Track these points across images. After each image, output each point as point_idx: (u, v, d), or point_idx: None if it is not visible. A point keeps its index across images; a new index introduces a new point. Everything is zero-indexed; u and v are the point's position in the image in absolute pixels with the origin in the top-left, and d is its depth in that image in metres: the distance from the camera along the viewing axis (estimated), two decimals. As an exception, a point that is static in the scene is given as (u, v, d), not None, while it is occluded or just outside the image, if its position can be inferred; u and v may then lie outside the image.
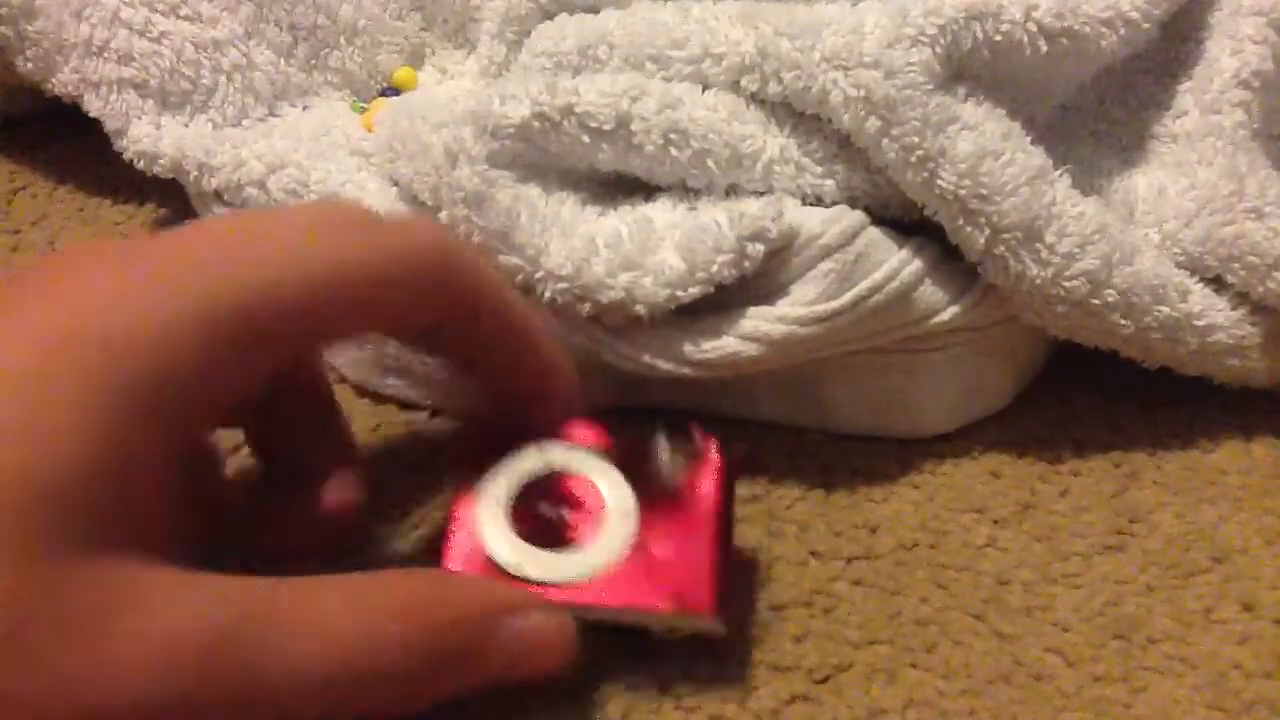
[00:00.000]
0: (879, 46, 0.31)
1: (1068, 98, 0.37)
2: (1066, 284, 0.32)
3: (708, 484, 0.28)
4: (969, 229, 0.32)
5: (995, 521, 0.33)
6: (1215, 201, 0.34)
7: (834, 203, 0.33)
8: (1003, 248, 0.32)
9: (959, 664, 0.29)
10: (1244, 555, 0.32)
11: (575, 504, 0.27)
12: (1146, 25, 0.34)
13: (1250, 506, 0.33)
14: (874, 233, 0.32)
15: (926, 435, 0.35)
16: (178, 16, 0.39)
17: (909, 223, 0.33)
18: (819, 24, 0.32)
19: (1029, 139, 0.32)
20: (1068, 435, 0.36)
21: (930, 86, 0.31)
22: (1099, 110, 0.38)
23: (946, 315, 0.33)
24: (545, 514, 0.27)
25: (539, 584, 0.26)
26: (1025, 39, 0.32)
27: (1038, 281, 0.32)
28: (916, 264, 0.32)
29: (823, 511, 0.33)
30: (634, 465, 0.28)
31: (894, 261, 0.32)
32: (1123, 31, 0.34)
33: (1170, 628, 0.30)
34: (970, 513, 0.33)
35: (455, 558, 0.26)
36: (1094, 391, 0.37)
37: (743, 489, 0.34)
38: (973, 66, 0.32)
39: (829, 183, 0.33)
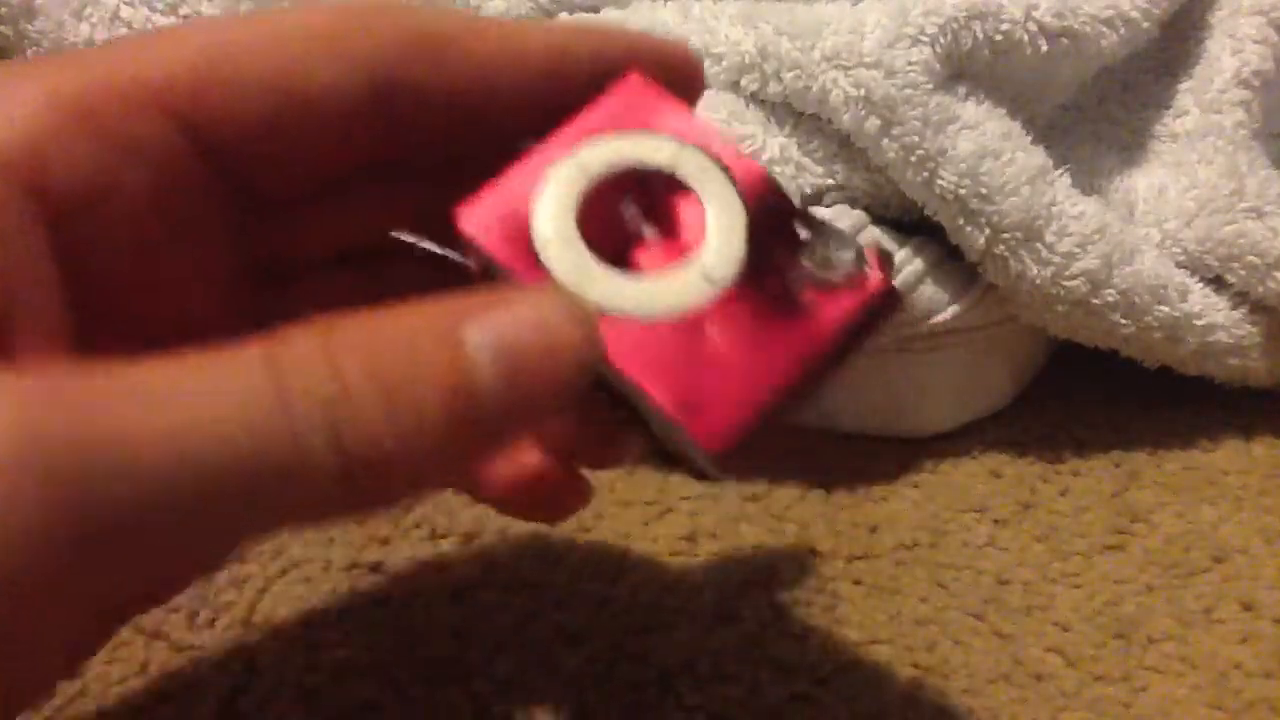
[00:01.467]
0: (879, 46, 0.31)
1: (1068, 97, 0.37)
2: (1066, 283, 0.32)
3: (842, 307, 0.19)
4: (969, 228, 0.32)
5: (995, 521, 0.33)
6: (1215, 201, 0.34)
7: (834, 202, 0.33)
8: (1003, 247, 0.32)
9: (959, 663, 0.29)
10: (1244, 555, 0.32)
11: (667, 224, 0.20)
12: (1147, 25, 0.34)
13: (1250, 506, 0.33)
14: (874, 232, 0.32)
15: (927, 435, 0.35)
16: (177, 15, 0.39)
17: (909, 222, 0.33)
18: (819, 23, 0.32)
19: (1029, 138, 0.32)
20: (1068, 435, 0.36)
21: (930, 86, 0.31)
22: (1099, 110, 0.38)
23: (947, 315, 0.33)
24: (624, 214, 0.20)
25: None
26: (1025, 38, 0.32)
27: (1038, 281, 0.32)
28: (916, 264, 0.32)
29: (823, 511, 0.33)
30: (769, 237, 0.20)
31: (894, 261, 0.32)
32: (1123, 31, 0.34)
33: (1170, 627, 0.30)
34: (970, 512, 0.33)
35: (479, 213, 0.19)
36: (1094, 391, 0.37)
37: (744, 487, 0.34)
38: (973, 66, 0.32)
39: (829, 182, 0.33)
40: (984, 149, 0.31)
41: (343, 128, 0.19)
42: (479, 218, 0.19)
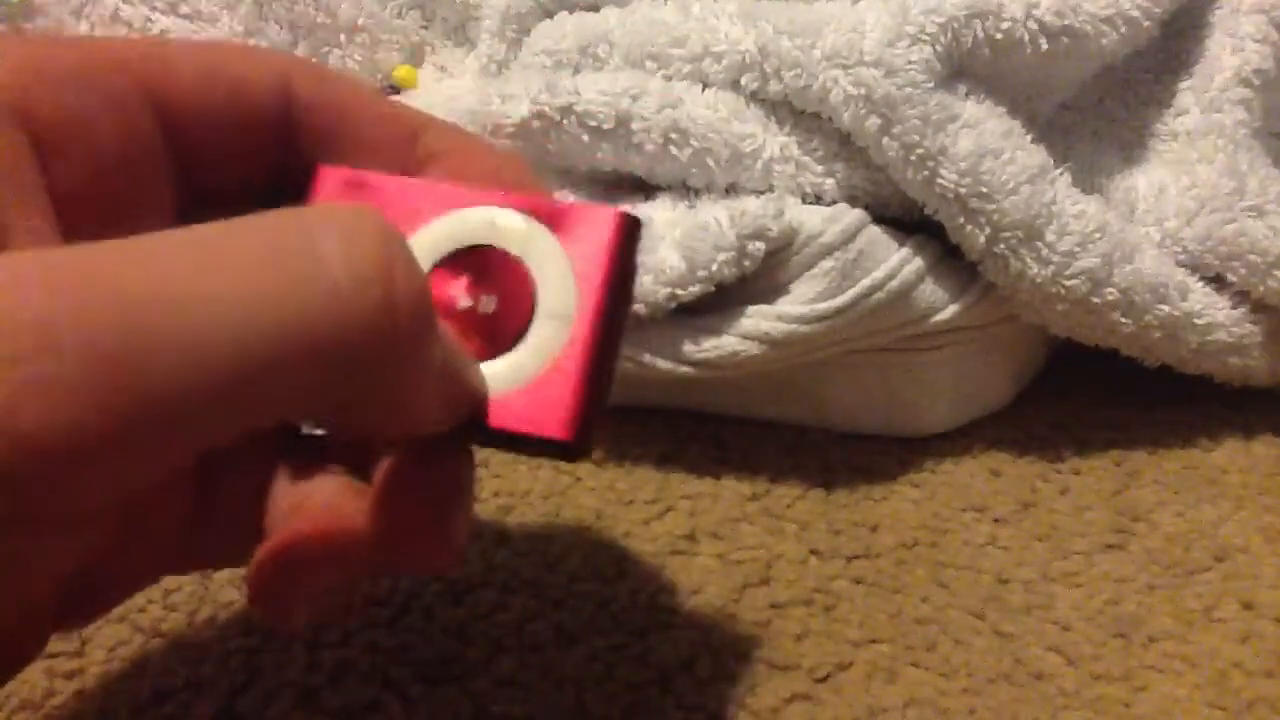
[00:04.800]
0: (879, 45, 0.31)
1: (1068, 96, 0.37)
2: (1067, 282, 0.32)
3: (598, 263, 0.21)
4: (969, 227, 0.32)
5: (996, 520, 0.33)
6: (1216, 200, 0.34)
7: (834, 201, 0.33)
8: (1003, 246, 0.32)
9: (959, 663, 0.29)
10: (1244, 554, 0.32)
11: (502, 291, 0.21)
12: (1147, 23, 0.34)
13: (1250, 505, 0.33)
14: (874, 231, 0.32)
15: (927, 434, 0.35)
16: (177, 15, 0.39)
17: (909, 221, 0.33)
18: (819, 22, 0.32)
19: (1029, 137, 0.32)
20: (1068, 434, 0.36)
21: (930, 85, 0.31)
22: (1099, 108, 0.38)
23: (947, 314, 0.33)
24: (466, 296, 0.21)
25: None
26: (1026, 37, 0.32)
27: (1038, 280, 0.32)
28: (917, 262, 0.32)
29: (823, 510, 0.33)
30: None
31: (894, 260, 0.32)
32: (1123, 30, 0.34)
33: (1171, 626, 0.30)
34: (971, 511, 0.33)
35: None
36: (1094, 390, 0.37)
37: (744, 487, 0.33)
38: (973, 65, 0.32)
39: (829, 181, 0.33)
40: (984, 148, 0.31)
41: (256, 113, 0.22)
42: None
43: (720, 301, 0.32)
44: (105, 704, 0.26)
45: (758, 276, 0.32)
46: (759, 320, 0.31)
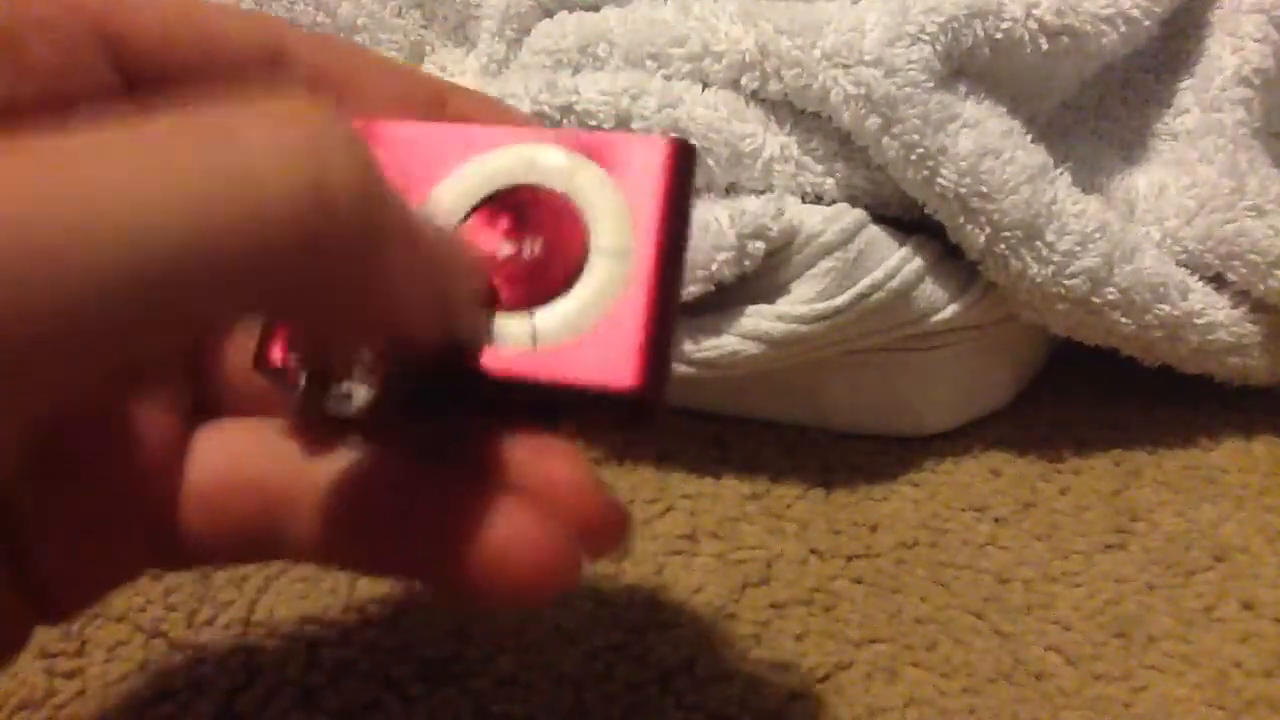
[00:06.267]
0: (879, 44, 0.31)
1: (1068, 95, 0.37)
2: (1067, 282, 0.32)
3: (652, 194, 0.19)
4: (969, 227, 0.32)
5: (996, 520, 0.33)
6: (1216, 199, 0.34)
7: (834, 201, 0.33)
8: (1003, 246, 0.32)
9: (959, 662, 0.29)
10: (1244, 554, 0.32)
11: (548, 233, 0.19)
12: (1147, 23, 0.34)
13: (1250, 505, 0.33)
14: (874, 231, 0.32)
15: (927, 434, 0.35)
16: (177, 14, 0.39)
17: (909, 221, 0.33)
18: (819, 22, 0.32)
19: (1029, 137, 0.32)
20: (1068, 433, 0.36)
21: (930, 84, 0.31)
22: (1099, 108, 0.38)
23: (947, 313, 0.33)
24: (507, 241, 0.19)
25: None
26: (1026, 36, 0.32)
27: (1038, 280, 0.32)
28: (917, 262, 0.32)
29: (823, 510, 0.33)
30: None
31: (894, 260, 0.32)
32: (1123, 29, 0.34)
33: (1171, 626, 0.30)
34: (971, 511, 0.33)
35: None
36: (1094, 390, 0.37)
37: (743, 486, 0.33)
38: (973, 64, 0.32)
39: (829, 181, 0.33)
40: (984, 147, 0.31)
41: (232, 71, 0.20)
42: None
43: (720, 301, 0.32)
44: (105, 704, 0.26)
45: (758, 276, 0.32)
46: (759, 320, 0.31)
